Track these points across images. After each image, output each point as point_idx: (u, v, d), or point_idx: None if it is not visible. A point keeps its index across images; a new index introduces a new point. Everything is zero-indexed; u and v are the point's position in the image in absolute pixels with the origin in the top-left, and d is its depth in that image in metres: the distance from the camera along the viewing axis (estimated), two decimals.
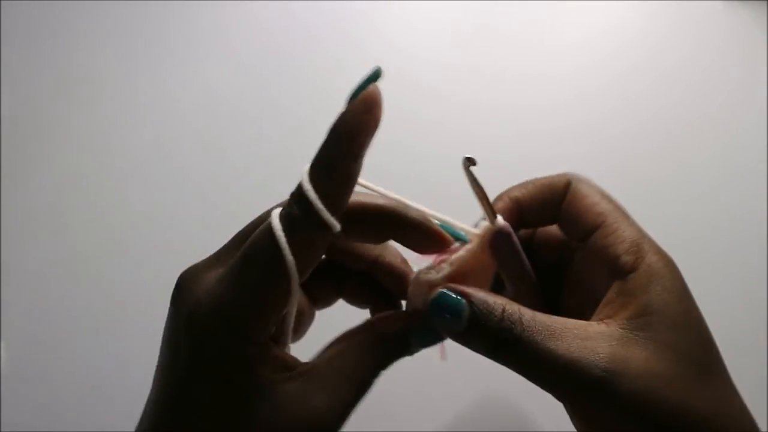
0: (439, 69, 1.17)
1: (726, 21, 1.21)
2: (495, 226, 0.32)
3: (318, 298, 0.34)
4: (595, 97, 1.17)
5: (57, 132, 1.09)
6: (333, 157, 0.28)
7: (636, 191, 1.16)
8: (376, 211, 0.31)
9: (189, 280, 0.28)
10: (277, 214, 0.28)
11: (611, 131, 1.16)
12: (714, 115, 1.17)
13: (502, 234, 0.31)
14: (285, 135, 1.08)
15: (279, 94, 1.12)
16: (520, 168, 1.18)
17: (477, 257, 0.31)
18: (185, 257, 0.30)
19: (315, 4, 1.17)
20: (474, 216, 0.37)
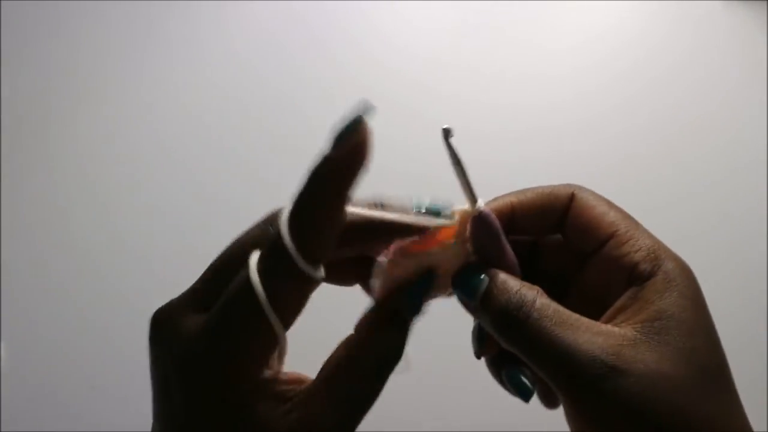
0: (439, 68, 1.17)
1: (725, 21, 1.21)
2: (474, 210, 0.31)
3: (336, 277, 0.33)
4: (595, 97, 1.17)
5: (57, 132, 1.09)
6: (315, 205, 0.26)
7: (635, 190, 1.16)
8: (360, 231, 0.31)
9: (168, 322, 0.27)
10: (255, 263, 0.26)
11: (611, 131, 1.16)
12: (713, 115, 1.17)
13: (482, 219, 0.31)
14: (286, 133, 1.08)
15: (280, 92, 1.12)
16: (519, 167, 1.19)
17: (448, 235, 0.30)
18: (186, 257, 0.30)
19: (316, 3, 1.17)
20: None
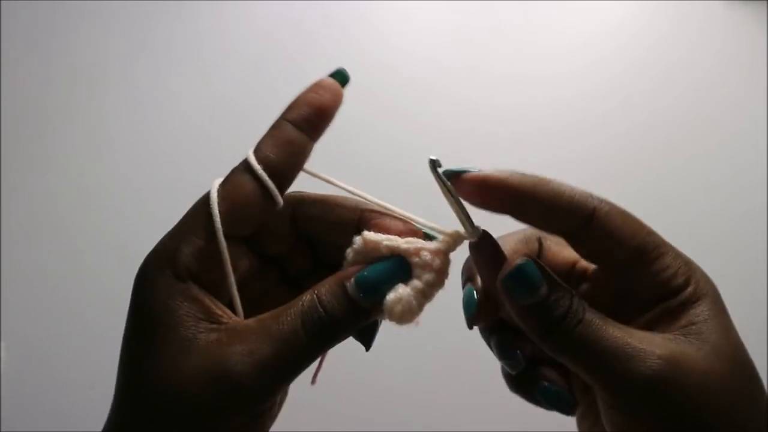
0: (439, 69, 1.17)
1: (726, 21, 1.21)
2: (464, 235, 0.30)
3: (303, 285, 0.34)
4: (596, 97, 1.17)
5: (57, 132, 1.09)
6: (276, 126, 0.30)
7: (636, 190, 1.16)
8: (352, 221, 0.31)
9: None
10: (220, 179, 0.30)
11: (611, 131, 1.16)
12: (714, 114, 1.17)
13: (482, 242, 0.30)
14: None
15: (278, 92, 1.12)
16: (520, 167, 1.18)
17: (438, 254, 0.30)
18: None
19: (314, 3, 1.17)
20: (472, 212, 0.37)
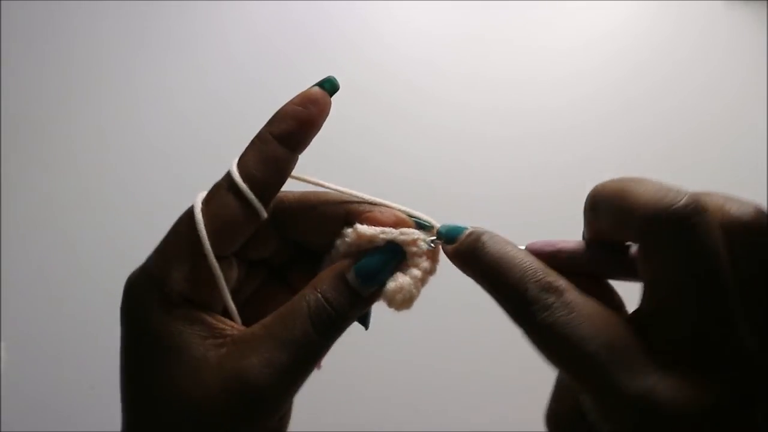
0: (438, 71, 1.17)
1: (726, 21, 1.21)
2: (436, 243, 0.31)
3: (293, 283, 0.34)
4: (596, 100, 1.17)
5: (57, 133, 1.09)
6: (261, 140, 0.30)
7: None
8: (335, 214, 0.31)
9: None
10: (203, 194, 0.30)
11: (611, 134, 1.16)
12: (715, 115, 1.17)
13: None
14: None
15: (275, 93, 1.12)
16: (520, 170, 1.19)
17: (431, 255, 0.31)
18: None
19: (312, 5, 1.17)
20: (471, 216, 0.37)
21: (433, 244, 0.30)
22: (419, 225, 0.31)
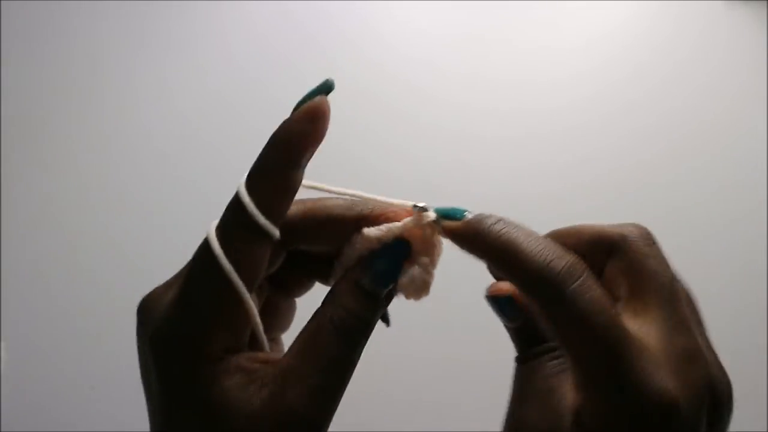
0: (438, 71, 1.17)
1: (726, 21, 1.21)
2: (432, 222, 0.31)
3: (292, 287, 0.33)
4: (596, 100, 1.17)
5: (57, 133, 1.09)
6: (271, 165, 0.28)
7: (638, 193, 1.16)
8: (337, 221, 0.31)
9: (148, 303, 0.29)
10: (214, 225, 0.28)
11: (612, 134, 1.16)
12: (715, 115, 1.17)
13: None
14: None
15: (275, 93, 1.12)
16: (521, 171, 1.19)
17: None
18: (184, 259, 0.30)
19: (312, 5, 1.17)
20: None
21: (435, 222, 0.30)
22: (421, 209, 0.31)
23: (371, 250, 0.30)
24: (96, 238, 1.04)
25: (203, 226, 0.29)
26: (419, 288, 0.30)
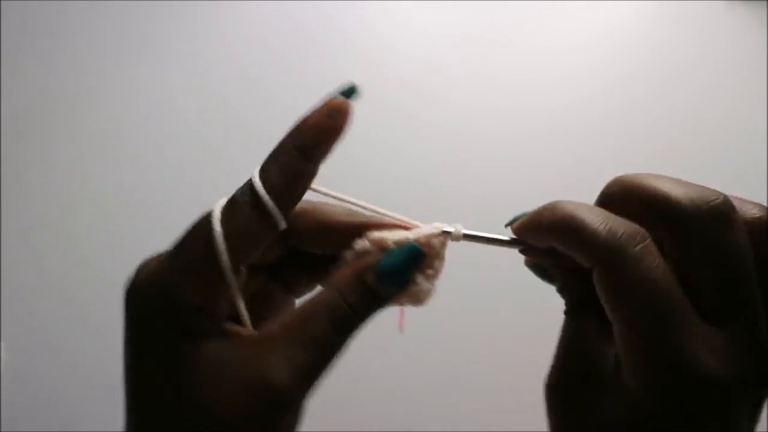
0: (437, 72, 1.17)
1: (727, 21, 1.21)
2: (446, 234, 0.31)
3: (292, 284, 0.33)
4: (597, 100, 1.17)
5: (57, 133, 1.09)
6: (285, 153, 0.29)
7: None
8: (342, 230, 0.31)
9: (140, 266, 0.29)
10: (223, 201, 0.29)
11: (612, 134, 1.16)
12: (715, 115, 1.17)
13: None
14: (280, 136, 1.08)
15: (275, 94, 1.12)
16: (521, 172, 1.19)
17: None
18: None
19: (312, 6, 1.17)
20: (469, 218, 0.37)
21: (448, 239, 0.31)
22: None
23: (384, 249, 0.30)
24: (96, 238, 1.04)
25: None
26: (421, 296, 0.31)
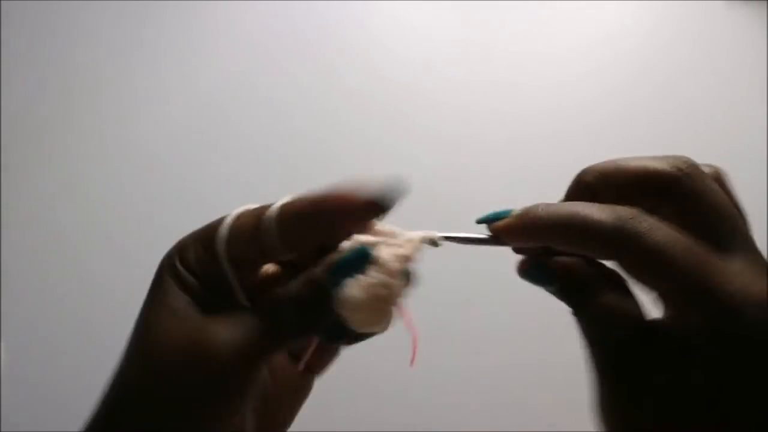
0: (435, 74, 1.17)
1: (727, 21, 1.21)
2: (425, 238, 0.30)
3: (308, 360, 0.33)
4: (597, 102, 1.17)
5: (57, 134, 1.09)
6: (316, 201, 0.29)
7: None
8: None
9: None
10: (243, 209, 0.30)
11: (613, 134, 1.16)
12: (715, 115, 1.17)
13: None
14: (277, 137, 1.08)
15: (271, 97, 1.12)
16: (521, 174, 1.19)
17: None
18: None
19: (308, 7, 1.16)
20: (471, 219, 0.37)
21: (436, 244, 0.30)
22: (435, 244, 0.31)
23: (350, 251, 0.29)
24: (96, 238, 1.04)
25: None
26: (357, 305, 0.28)
